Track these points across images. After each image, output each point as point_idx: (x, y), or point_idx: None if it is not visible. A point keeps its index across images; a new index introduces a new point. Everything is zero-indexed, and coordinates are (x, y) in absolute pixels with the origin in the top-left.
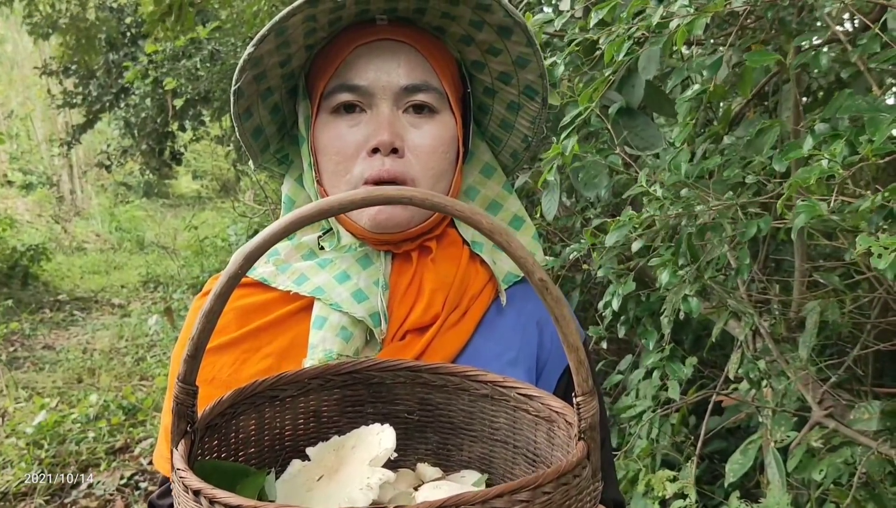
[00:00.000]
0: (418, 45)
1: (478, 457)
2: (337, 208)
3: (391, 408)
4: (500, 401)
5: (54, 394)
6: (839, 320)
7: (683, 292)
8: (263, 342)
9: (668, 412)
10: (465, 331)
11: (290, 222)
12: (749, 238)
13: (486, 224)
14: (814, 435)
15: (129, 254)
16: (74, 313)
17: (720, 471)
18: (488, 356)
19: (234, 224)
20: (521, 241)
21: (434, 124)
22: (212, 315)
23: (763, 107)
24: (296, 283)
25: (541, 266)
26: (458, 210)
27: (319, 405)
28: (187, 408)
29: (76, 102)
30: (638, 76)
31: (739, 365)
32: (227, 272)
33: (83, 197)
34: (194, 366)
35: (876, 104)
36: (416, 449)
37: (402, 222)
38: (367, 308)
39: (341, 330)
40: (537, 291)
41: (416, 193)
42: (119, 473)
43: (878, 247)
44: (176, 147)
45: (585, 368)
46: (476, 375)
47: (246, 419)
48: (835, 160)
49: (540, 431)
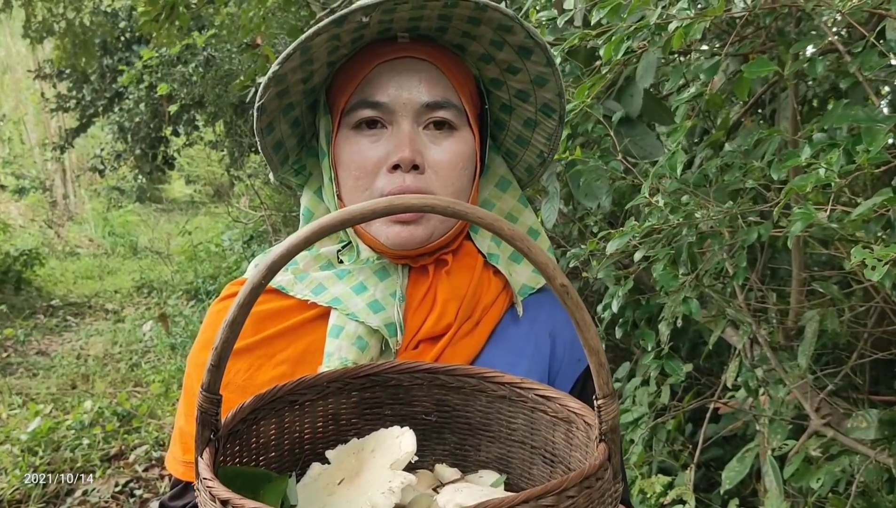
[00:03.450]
0: (439, 63)
1: (495, 457)
2: (359, 217)
3: (409, 409)
4: (517, 402)
5: (48, 400)
6: (837, 329)
7: (683, 295)
8: (278, 349)
9: (664, 420)
10: (478, 341)
11: (313, 231)
12: (748, 245)
13: (507, 231)
14: (812, 444)
15: (122, 259)
16: (68, 318)
17: (717, 479)
18: (500, 365)
19: (228, 230)
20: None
21: (454, 141)
22: (235, 325)
23: (760, 115)
24: (313, 292)
25: (562, 272)
26: (480, 217)
27: (338, 408)
28: (211, 416)
29: (69, 106)
30: (636, 85)
31: (738, 373)
32: (250, 282)
33: (76, 202)
34: (218, 376)
35: (873, 115)
36: (433, 450)
37: (422, 240)
38: (384, 319)
39: (357, 339)
40: (559, 296)
41: (439, 201)
42: (114, 480)
43: (871, 259)
44: (169, 152)
45: (606, 370)
46: (493, 376)
47: (266, 423)
48: (831, 169)
49: (558, 432)
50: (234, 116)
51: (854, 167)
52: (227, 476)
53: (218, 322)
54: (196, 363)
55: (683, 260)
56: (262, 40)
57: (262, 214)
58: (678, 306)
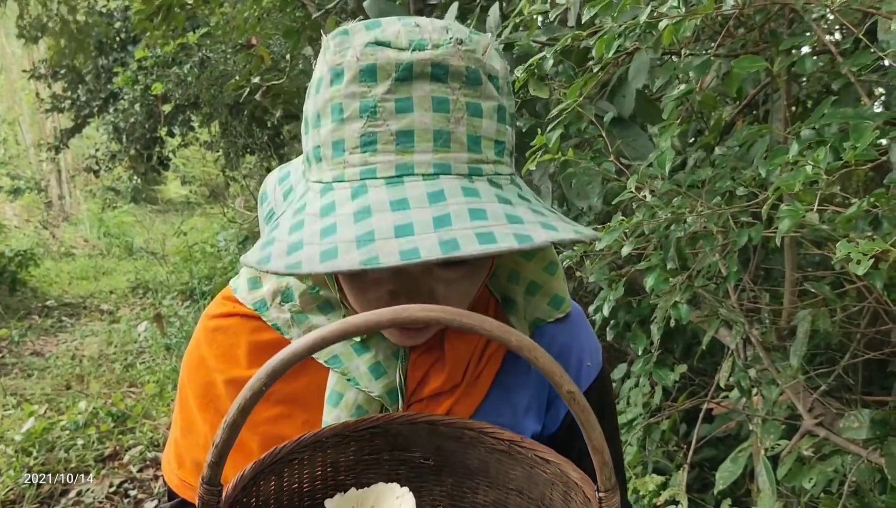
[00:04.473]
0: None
1: (492, 502)
2: (364, 329)
3: (407, 455)
4: (516, 457)
5: (43, 401)
6: (829, 329)
7: (674, 298)
8: (273, 389)
9: (658, 420)
10: (481, 391)
11: (313, 342)
12: (740, 247)
13: (514, 342)
14: (804, 444)
15: (117, 260)
16: (63, 319)
17: (711, 479)
18: (503, 408)
19: (223, 230)
20: (549, 285)
21: (468, 276)
22: (235, 427)
23: (753, 116)
24: None
25: (569, 379)
26: (487, 330)
27: (337, 458)
28: (213, 506)
29: (65, 107)
30: (629, 86)
31: (730, 374)
32: (250, 388)
33: (72, 202)
34: (218, 471)
35: (862, 112)
36: (430, 490)
37: (418, 341)
38: (386, 385)
39: (357, 409)
40: (565, 401)
41: (444, 313)
42: (108, 481)
43: (857, 253)
44: (164, 152)
45: (609, 467)
46: (493, 432)
47: (266, 483)
48: (818, 166)
49: (556, 490)
50: (229, 117)
51: (840, 164)
52: None
53: (214, 342)
54: (190, 377)
55: (671, 256)
56: (256, 41)
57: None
58: (669, 309)
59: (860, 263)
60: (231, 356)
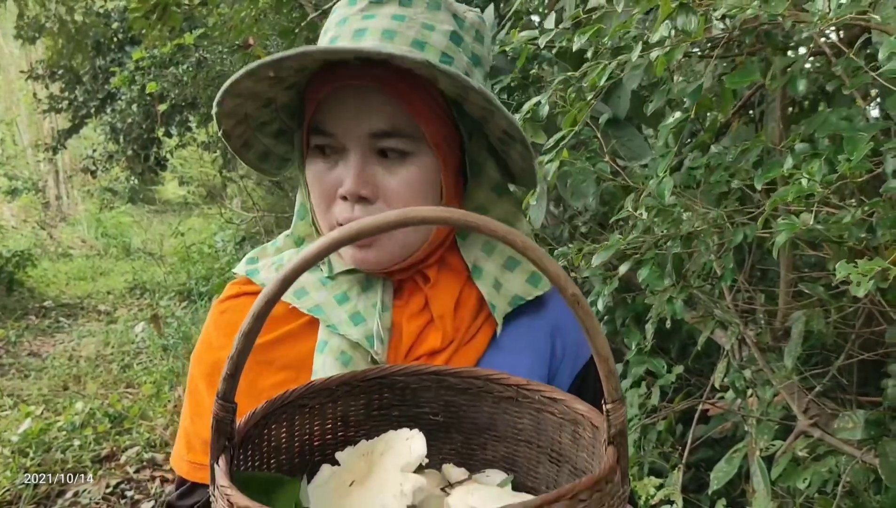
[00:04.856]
0: (390, 90)
1: (501, 456)
2: (367, 231)
3: (416, 410)
4: (523, 403)
5: (39, 402)
6: (824, 330)
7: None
8: (276, 356)
9: (654, 421)
10: (478, 348)
11: (323, 246)
12: (735, 245)
13: (520, 243)
14: (799, 444)
15: (115, 260)
16: (60, 319)
17: (707, 479)
18: (501, 369)
19: (221, 231)
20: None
21: (407, 168)
22: (251, 335)
23: (749, 117)
24: (296, 295)
25: (573, 283)
26: (493, 229)
27: (347, 411)
28: (227, 424)
29: (62, 107)
30: (624, 87)
31: (725, 374)
32: (265, 295)
33: (69, 203)
34: (233, 384)
35: (855, 123)
36: (440, 449)
37: (378, 262)
38: (364, 331)
39: (341, 354)
40: (569, 304)
41: (453, 214)
42: (105, 481)
43: (856, 275)
44: (162, 153)
45: (615, 377)
46: (500, 378)
47: (277, 428)
48: (813, 179)
49: (565, 432)
50: None
51: (836, 177)
52: (241, 481)
53: (221, 323)
54: (198, 362)
55: (669, 271)
56: (253, 41)
57: (255, 215)
58: (664, 306)
59: (860, 285)
60: (236, 332)
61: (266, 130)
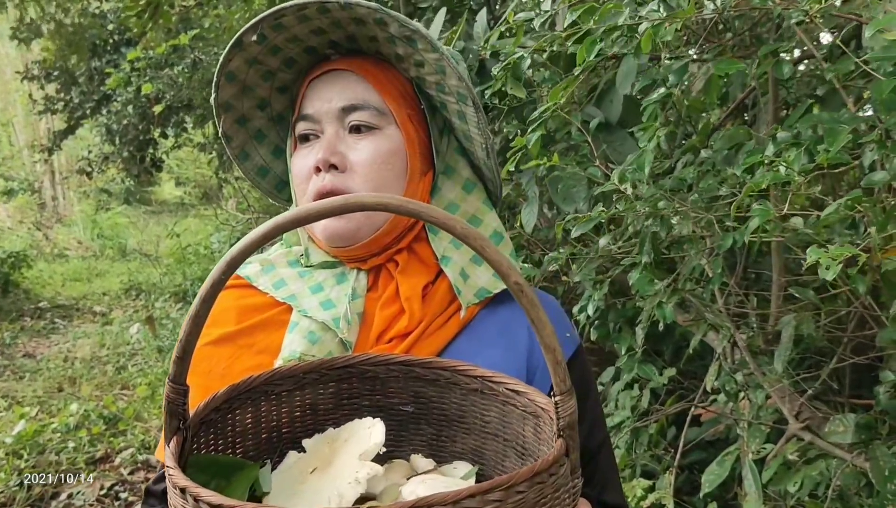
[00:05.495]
0: (361, 71)
1: (470, 449)
2: (315, 215)
3: (386, 401)
4: (489, 396)
5: (34, 403)
6: (814, 333)
7: (659, 299)
8: (258, 339)
9: (647, 423)
10: (448, 334)
11: (267, 229)
12: (725, 249)
13: (459, 229)
14: (790, 448)
15: (110, 261)
16: (55, 321)
17: (700, 482)
18: (466, 355)
19: (216, 232)
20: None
21: (372, 139)
22: (198, 319)
23: (742, 120)
24: (274, 286)
25: (517, 270)
26: (433, 216)
27: (315, 399)
28: (178, 406)
29: (57, 108)
30: (616, 91)
31: (717, 377)
32: (210, 278)
33: (65, 204)
34: (183, 367)
35: (837, 116)
36: (410, 441)
37: (347, 233)
38: (332, 314)
39: (309, 334)
40: (513, 294)
41: (392, 200)
42: (99, 483)
43: (826, 259)
44: (157, 154)
45: (563, 368)
46: (466, 370)
47: (242, 413)
48: (791, 167)
49: (528, 425)
50: None
51: (813, 166)
52: (200, 463)
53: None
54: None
55: (647, 250)
56: None
57: (251, 216)
58: (654, 310)
59: (829, 268)
60: (220, 320)
61: (265, 142)
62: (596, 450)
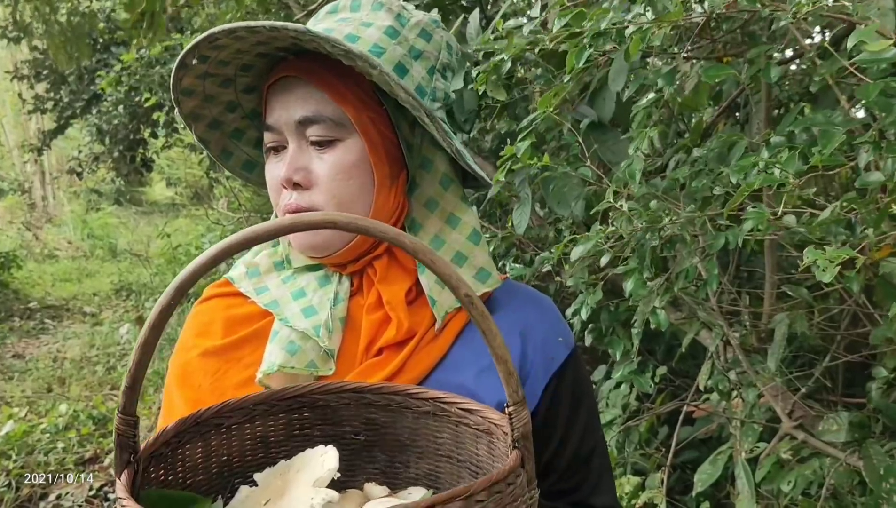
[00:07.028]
0: (313, 79)
1: (424, 473)
2: (264, 236)
3: (338, 430)
4: (442, 417)
5: (23, 404)
6: (807, 331)
7: (653, 303)
8: (245, 353)
9: (637, 422)
10: (444, 343)
11: (217, 251)
12: (718, 250)
13: (409, 244)
14: (783, 446)
15: (101, 262)
16: (45, 321)
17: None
18: (463, 363)
19: (208, 232)
20: (475, 256)
21: (333, 153)
22: (147, 347)
23: (734, 119)
24: (256, 291)
25: (466, 282)
26: (382, 232)
27: (266, 431)
28: (128, 439)
29: (47, 108)
30: (608, 91)
31: (709, 376)
32: (159, 304)
33: (55, 204)
34: (133, 398)
35: (831, 118)
36: (364, 469)
37: (320, 246)
38: (313, 322)
39: (288, 344)
40: (463, 306)
41: (340, 218)
42: (88, 484)
43: (823, 260)
44: (148, 154)
45: (515, 379)
46: (417, 393)
47: (192, 447)
48: (785, 170)
49: (481, 444)
50: None
51: (807, 168)
52: (151, 498)
53: (193, 324)
54: (172, 363)
55: (647, 265)
56: None
57: (241, 216)
58: (647, 314)
59: (826, 270)
60: (207, 331)
61: (244, 139)
62: (587, 456)
